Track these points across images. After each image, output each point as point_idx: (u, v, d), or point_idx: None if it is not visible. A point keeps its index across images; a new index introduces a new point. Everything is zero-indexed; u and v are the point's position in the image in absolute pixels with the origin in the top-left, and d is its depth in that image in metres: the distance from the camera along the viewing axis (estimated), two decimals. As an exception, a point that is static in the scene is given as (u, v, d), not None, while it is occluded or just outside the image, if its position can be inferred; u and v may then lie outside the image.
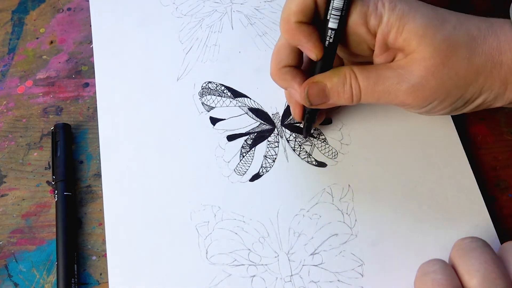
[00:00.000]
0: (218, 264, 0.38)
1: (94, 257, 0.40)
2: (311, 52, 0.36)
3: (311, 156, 0.42)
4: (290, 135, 0.43)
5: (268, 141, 0.43)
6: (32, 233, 0.40)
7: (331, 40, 0.35)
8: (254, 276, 0.38)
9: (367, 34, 0.35)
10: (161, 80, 0.45)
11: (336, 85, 0.36)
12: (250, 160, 0.42)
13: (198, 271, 0.38)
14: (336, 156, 0.42)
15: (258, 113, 0.44)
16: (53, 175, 0.41)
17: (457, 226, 0.39)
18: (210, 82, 0.45)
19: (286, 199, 0.41)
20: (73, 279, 0.38)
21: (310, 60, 0.37)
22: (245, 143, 0.43)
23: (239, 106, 0.44)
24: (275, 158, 0.42)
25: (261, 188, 0.41)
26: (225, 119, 0.44)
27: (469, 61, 0.34)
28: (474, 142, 0.44)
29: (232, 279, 0.38)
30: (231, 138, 0.43)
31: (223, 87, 0.45)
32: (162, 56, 0.46)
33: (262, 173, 0.42)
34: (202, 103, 0.44)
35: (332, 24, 0.34)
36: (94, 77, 0.45)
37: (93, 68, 0.46)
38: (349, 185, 0.41)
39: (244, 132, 0.43)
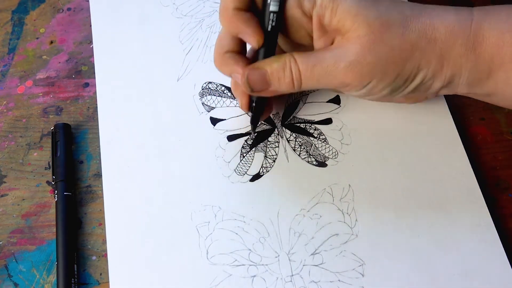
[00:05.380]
0: (219, 264, 0.38)
1: (94, 257, 0.40)
2: (253, 38, 0.36)
3: (311, 156, 0.42)
4: (291, 135, 0.43)
5: (268, 141, 0.43)
6: (32, 233, 0.40)
7: (273, 24, 0.35)
8: (254, 276, 0.38)
9: (303, 17, 0.35)
10: (161, 80, 0.45)
11: (276, 70, 0.36)
12: (251, 160, 0.42)
13: (199, 272, 0.38)
14: (336, 156, 0.42)
15: (258, 113, 0.44)
16: (53, 175, 0.41)
17: (457, 226, 0.39)
18: (210, 82, 0.45)
19: (287, 199, 0.41)
20: (73, 279, 0.38)
21: (253, 50, 0.37)
22: (245, 143, 0.43)
23: (239, 107, 0.44)
24: (276, 158, 0.42)
25: (261, 188, 0.41)
26: (225, 119, 0.44)
27: (403, 36, 0.35)
28: (474, 142, 0.44)
29: (233, 279, 0.38)
30: (231, 138, 0.43)
31: (223, 87, 0.45)
32: (162, 57, 0.46)
33: (262, 173, 0.42)
34: (203, 104, 0.44)
35: (273, 7, 0.35)
36: (94, 77, 0.45)
37: (93, 68, 0.46)
38: (349, 185, 0.41)
39: (244, 132, 0.43)
